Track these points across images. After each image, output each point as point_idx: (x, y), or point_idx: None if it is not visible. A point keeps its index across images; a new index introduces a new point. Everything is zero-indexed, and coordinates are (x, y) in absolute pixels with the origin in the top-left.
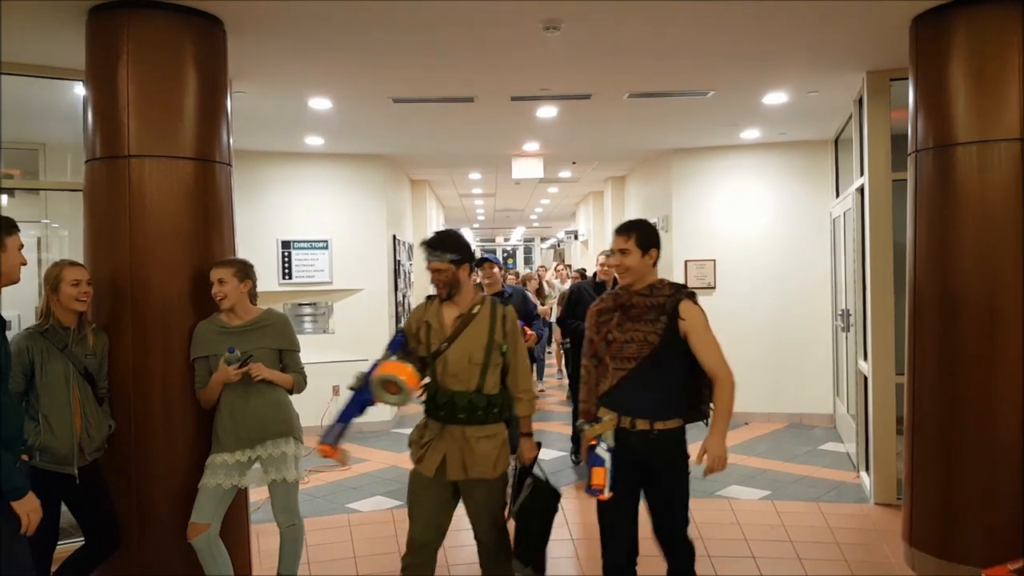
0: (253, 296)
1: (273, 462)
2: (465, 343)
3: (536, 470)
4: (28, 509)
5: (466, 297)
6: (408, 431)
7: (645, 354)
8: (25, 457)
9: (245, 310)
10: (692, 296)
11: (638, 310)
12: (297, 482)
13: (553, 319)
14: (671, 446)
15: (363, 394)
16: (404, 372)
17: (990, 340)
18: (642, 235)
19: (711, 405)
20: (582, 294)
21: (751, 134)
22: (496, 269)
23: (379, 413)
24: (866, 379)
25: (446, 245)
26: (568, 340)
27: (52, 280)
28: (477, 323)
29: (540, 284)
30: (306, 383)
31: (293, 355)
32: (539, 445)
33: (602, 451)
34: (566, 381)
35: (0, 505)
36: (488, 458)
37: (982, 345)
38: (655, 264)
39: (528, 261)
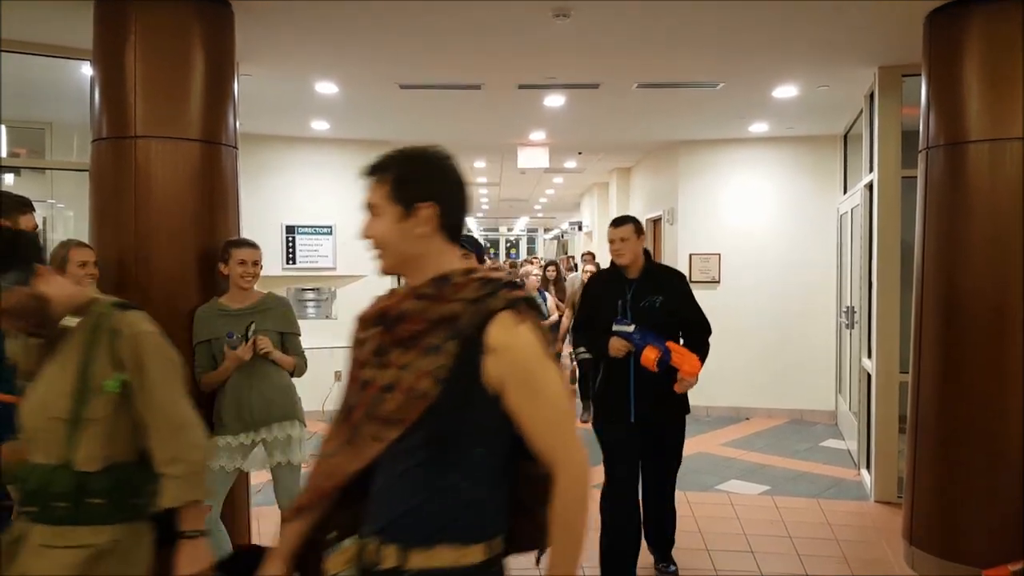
0: None
1: (279, 445)
2: (45, 383)
3: None
4: None
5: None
6: None
7: (413, 415)
8: None
9: (248, 293)
10: (517, 304)
11: (409, 326)
12: (300, 465)
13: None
14: None
15: None
16: None
17: (997, 339)
18: (410, 171)
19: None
20: (599, 289)
21: (759, 128)
22: (472, 258)
23: None
24: (869, 376)
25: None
26: (583, 349)
27: (58, 260)
28: (67, 348)
29: (558, 273)
30: (306, 367)
31: (294, 339)
32: (253, 548)
33: None
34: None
35: None
36: None
37: (989, 344)
38: (437, 235)
39: (531, 252)
